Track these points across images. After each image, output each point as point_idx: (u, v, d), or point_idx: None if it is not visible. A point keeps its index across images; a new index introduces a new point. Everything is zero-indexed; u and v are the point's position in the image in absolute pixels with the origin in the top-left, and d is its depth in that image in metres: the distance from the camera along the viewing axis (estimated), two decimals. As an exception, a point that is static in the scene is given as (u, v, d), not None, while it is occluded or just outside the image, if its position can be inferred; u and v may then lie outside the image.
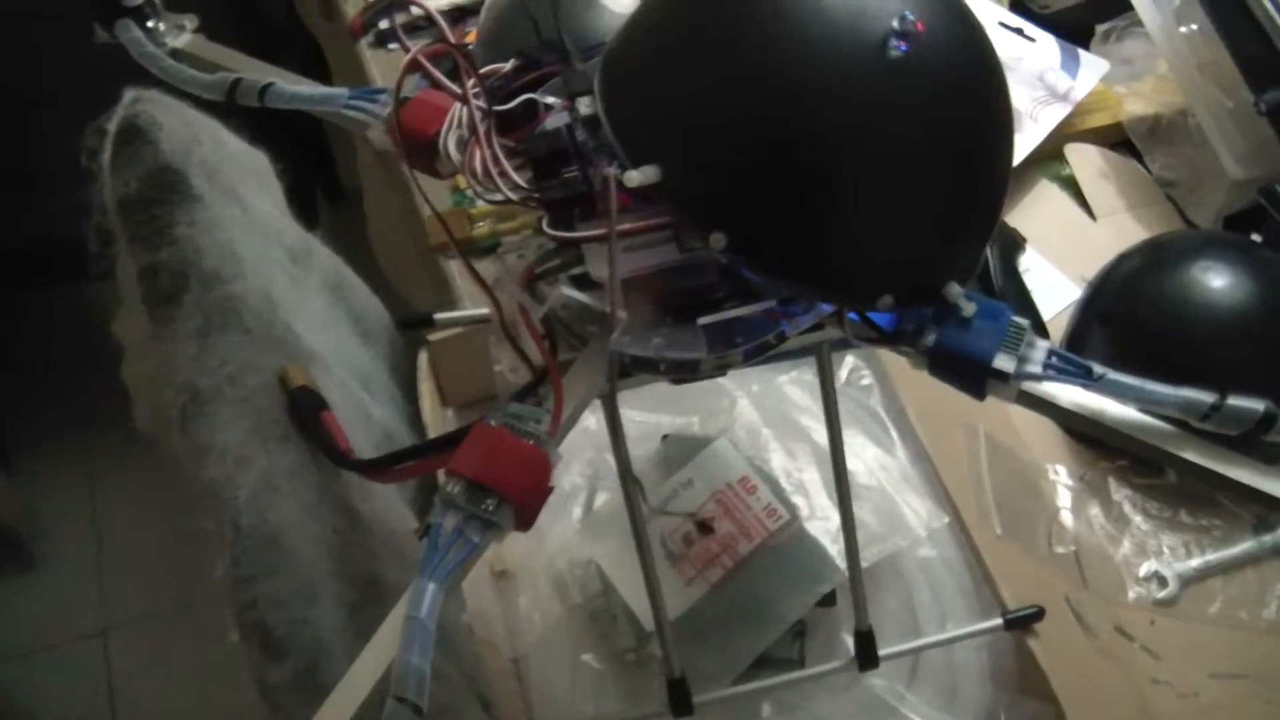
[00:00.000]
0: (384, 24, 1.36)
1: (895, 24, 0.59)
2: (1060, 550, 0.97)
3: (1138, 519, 1.00)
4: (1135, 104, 1.26)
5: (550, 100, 0.70)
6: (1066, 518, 1.00)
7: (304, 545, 0.73)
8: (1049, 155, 1.24)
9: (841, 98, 0.59)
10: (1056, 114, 1.21)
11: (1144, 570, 0.97)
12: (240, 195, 0.89)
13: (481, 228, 0.71)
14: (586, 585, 0.92)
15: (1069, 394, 0.68)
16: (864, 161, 0.60)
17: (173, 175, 0.82)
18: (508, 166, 0.66)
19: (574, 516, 0.97)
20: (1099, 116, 1.27)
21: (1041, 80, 1.24)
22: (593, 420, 0.89)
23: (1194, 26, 1.15)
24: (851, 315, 0.69)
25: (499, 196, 0.66)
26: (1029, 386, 0.67)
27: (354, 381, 0.95)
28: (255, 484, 0.73)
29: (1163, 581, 0.96)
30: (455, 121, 0.71)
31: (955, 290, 0.64)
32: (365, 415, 0.92)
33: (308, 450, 0.78)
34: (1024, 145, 1.19)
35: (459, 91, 0.69)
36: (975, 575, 0.95)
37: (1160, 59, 1.23)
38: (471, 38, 1.29)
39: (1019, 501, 1.00)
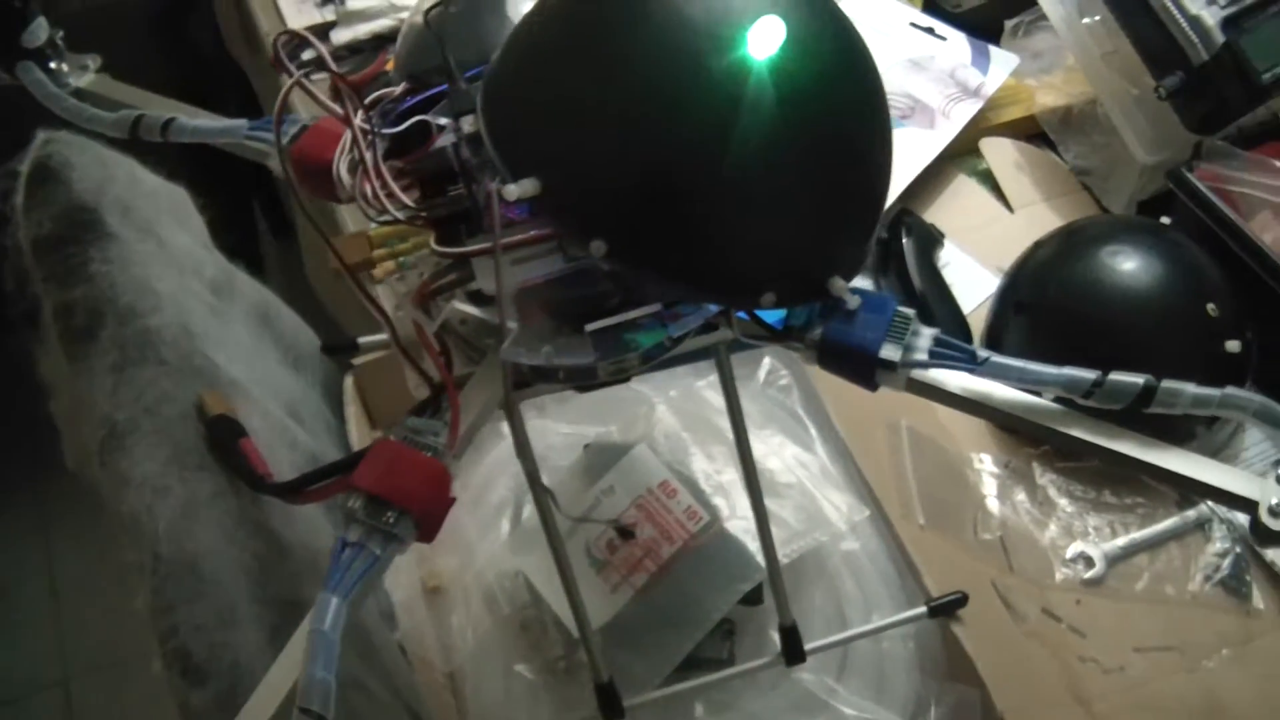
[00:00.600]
0: (305, 55, 1.37)
1: (757, 28, 0.60)
2: (986, 537, 0.99)
3: (1063, 502, 1.02)
4: (1046, 96, 1.28)
5: (442, 121, 0.72)
6: (992, 505, 1.01)
7: (223, 570, 0.74)
8: (965, 150, 1.26)
9: (704, 101, 0.60)
10: (969, 110, 1.23)
11: (1070, 552, 0.99)
12: (156, 231, 0.90)
13: (382, 252, 0.73)
14: (516, 597, 0.93)
15: (957, 379, 0.70)
16: (731, 163, 0.61)
17: (86, 214, 0.83)
18: (395, 187, 0.68)
19: (502, 530, 0.98)
20: (1012, 110, 1.29)
21: (953, 77, 1.26)
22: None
23: (1096, 18, 1.17)
24: (740, 314, 0.70)
25: (388, 217, 0.68)
26: (917, 374, 0.68)
27: (280, 409, 0.96)
28: (173, 513, 0.74)
29: (1089, 562, 0.98)
30: (346, 146, 0.72)
31: (839, 284, 0.66)
32: (291, 442, 0.93)
33: (226, 477, 0.79)
34: (937, 142, 1.21)
35: (342, 114, 0.70)
36: (900, 566, 0.97)
37: (1068, 51, 1.25)
38: (390, 66, 1.31)
39: (943, 492, 1.01)
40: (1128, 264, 1.01)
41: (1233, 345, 0.98)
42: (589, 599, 0.80)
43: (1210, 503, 1.00)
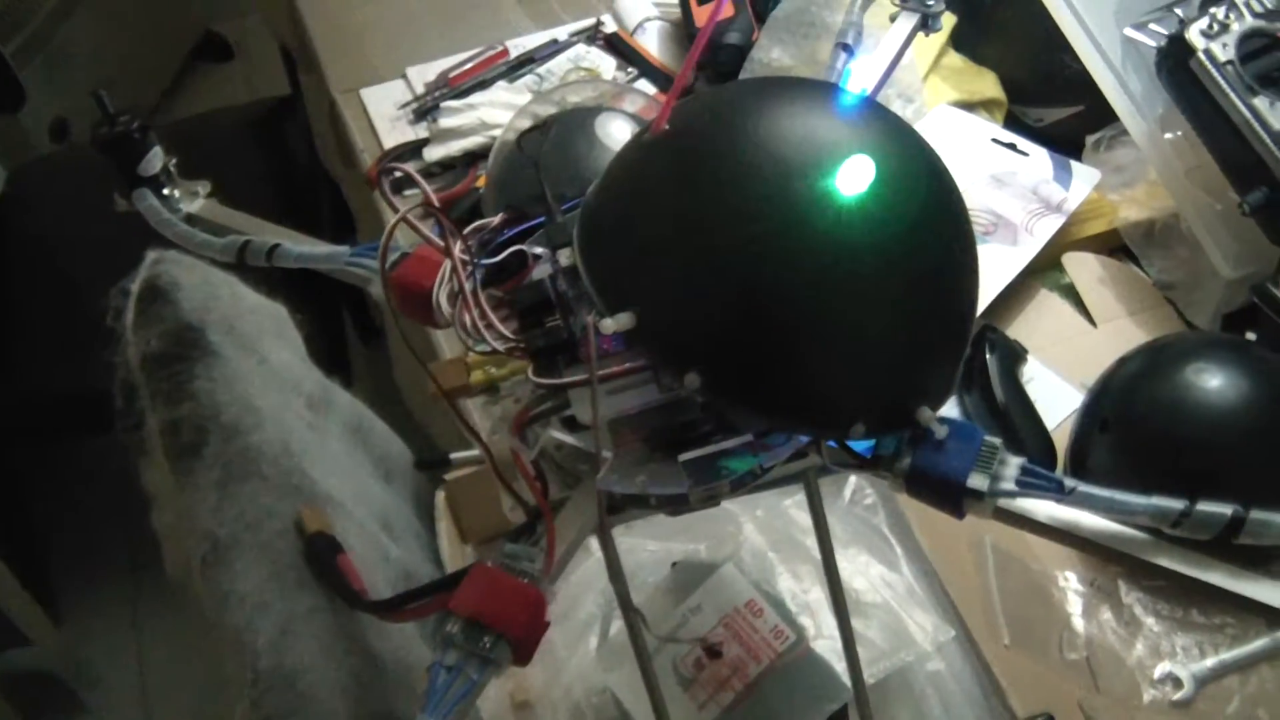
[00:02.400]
0: (400, 173, 1.41)
1: (847, 168, 0.62)
2: (1072, 657, 0.98)
3: (1150, 621, 1.01)
4: (1129, 210, 1.28)
5: (538, 250, 0.74)
6: (1078, 624, 1.00)
7: (321, 686, 0.76)
8: (1048, 265, 1.27)
9: (799, 242, 0.62)
10: (1051, 225, 1.24)
11: (1158, 672, 0.98)
12: (258, 348, 0.93)
13: (478, 375, 0.75)
14: (603, 713, 0.94)
15: (1044, 508, 0.70)
16: (826, 301, 0.62)
17: (192, 332, 0.85)
18: (494, 318, 0.70)
19: (590, 646, 0.98)
20: (1094, 224, 1.30)
21: (1035, 193, 1.27)
22: (604, 551, 0.91)
23: (1178, 133, 1.18)
24: (830, 443, 0.71)
25: (486, 347, 0.70)
26: (1004, 503, 0.69)
27: (374, 523, 0.98)
28: (273, 628, 0.76)
29: (1178, 683, 0.97)
30: (445, 276, 0.74)
31: (927, 414, 0.67)
32: (384, 556, 0.95)
33: (324, 593, 0.81)
34: (1020, 258, 1.22)
35: (445, 248, 0.72)
36: (985, 687, 0.96)
37: (1150, 165, 1.25)
38: (482, 182, 1.34)
39: (1029, 610, 1.01)
40: (1214, 381, 1.01)
41: (1323, 463, 0.98)
42: (676, 717, 0.80)
43: (1303, 624, 0.99)
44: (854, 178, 0.62)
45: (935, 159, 0.69)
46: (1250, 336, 1.11)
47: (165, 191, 0.94)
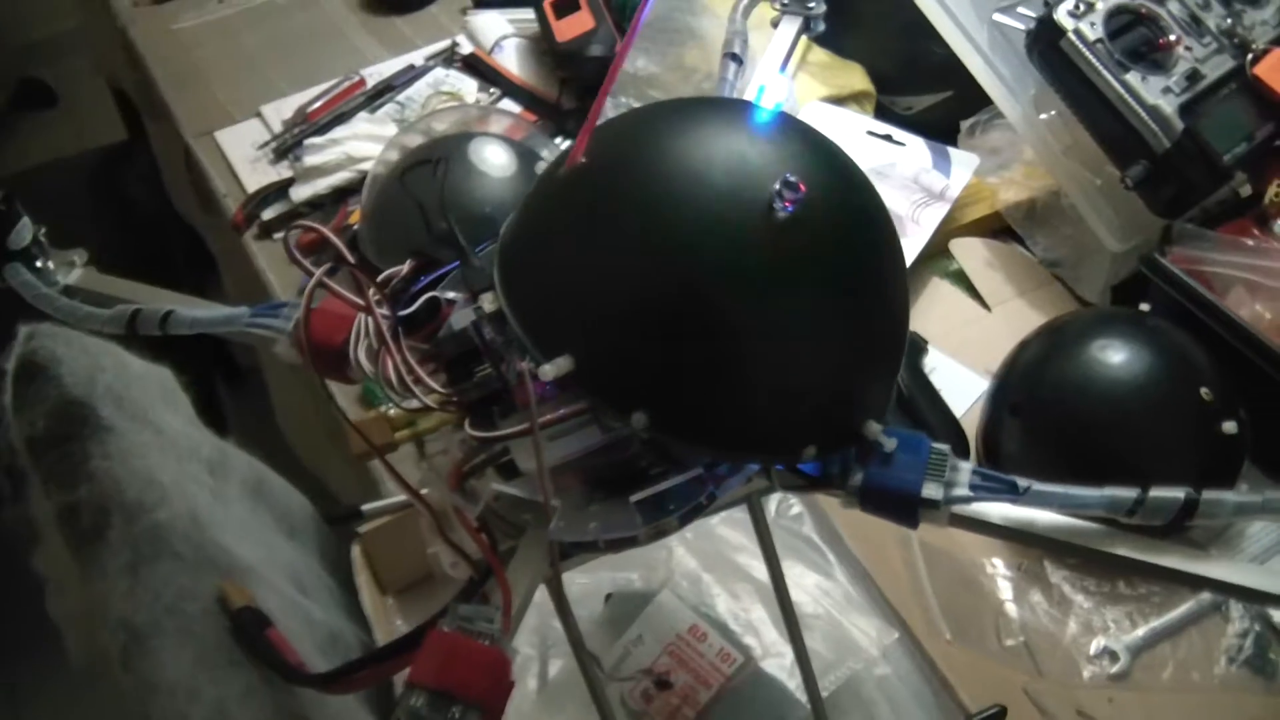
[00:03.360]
0: (266, 214, 1.37)
1: (778, 187, 0.60)
2: (1010, 643, 0.99)
3: (1079, 598, 1.02)
4: (1009, 192, 1.29)
5: (451, 295, 0.71)
6: (1011, 609, 1.01)
7: (264, 769, 0.72)
8: (936, 253, 1.28)
9: (736, 267, 0.60)
10: (937, 214, 1.25)
11: (1094, 648, 0.99)
12: (151, 418, 0.88)
13: (404, 433, 0.72)
14: (552, 758, 0.92)
15: (998, 510, 0.70)
16: (768, 325, 0.61)
17: (80, 408, 0.81)
18: (422, 374, 0.67)
19: (529, 688, 0.96)
20: (977, 209, 1.31)
21: (917, 183, 1.27)
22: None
23: (1053, 113, 1.19)
24: (779, 466, 0.70)
25: (416, 404, 0.67)
26: (959, 509, 0.68)
27: (289, 585, 0.94)
28: (208, 716, 0.72)
29: (1114, 656, 0.98)
30: (362, 332, 0.71)
31: (874, 428, 0.66)
32: (306, 619, 0.91)
33: (256, 670, 0.77)
34: (910, 249, 1.22)
35: (363, 304, 0.69)
36: (933, 685, 0.96)
37: (1026, 146, 1.27)
38: (355, 219, 1.30)
39: (963, 602, 1.01)
40: (1116, 357, 1.02)
41: (1229, 427, 0.99)
42: (632, 755, 0.79)
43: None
44: (785, 197, 0.61)
45: (856, 169, 0.68)
46: (1144, 307, 1.12)
47: (39, 264, 0.89)
